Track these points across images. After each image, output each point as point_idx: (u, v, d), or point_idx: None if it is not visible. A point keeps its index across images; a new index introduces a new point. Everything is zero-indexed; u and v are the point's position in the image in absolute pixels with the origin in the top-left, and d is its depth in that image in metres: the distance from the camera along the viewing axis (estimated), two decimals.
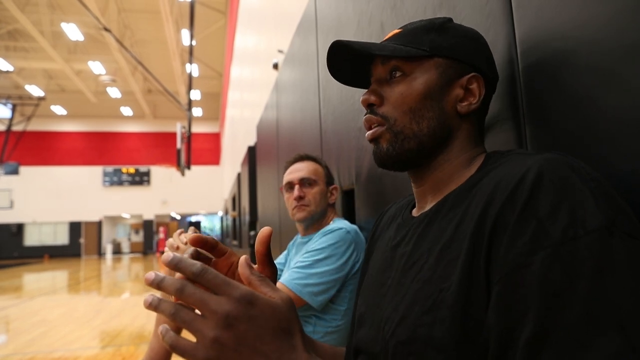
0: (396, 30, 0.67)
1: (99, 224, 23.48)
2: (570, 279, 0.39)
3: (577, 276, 0.39)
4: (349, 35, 1.60)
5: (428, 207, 0.63)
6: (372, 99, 0.64)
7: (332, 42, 0.65)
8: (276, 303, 0.45)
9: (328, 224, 1.48)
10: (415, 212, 0.67)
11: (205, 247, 0.58)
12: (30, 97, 20.76)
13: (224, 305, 0.41)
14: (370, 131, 0.65)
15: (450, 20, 0.66)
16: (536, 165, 0.46)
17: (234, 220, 8.92)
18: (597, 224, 0.41)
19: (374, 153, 0.65)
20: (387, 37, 0.67)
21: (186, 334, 0.45)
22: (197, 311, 0.42)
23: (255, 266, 0.57)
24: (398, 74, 0.63)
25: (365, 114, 0.66)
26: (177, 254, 0.43)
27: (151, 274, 0.41)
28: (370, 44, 0.63)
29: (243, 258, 0.49)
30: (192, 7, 11.91)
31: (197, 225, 25.84)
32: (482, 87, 0.63)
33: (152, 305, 0.41)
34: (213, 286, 0.42)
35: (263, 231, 0.56)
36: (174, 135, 15.29)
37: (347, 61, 0.69)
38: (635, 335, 0.37)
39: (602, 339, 0.37)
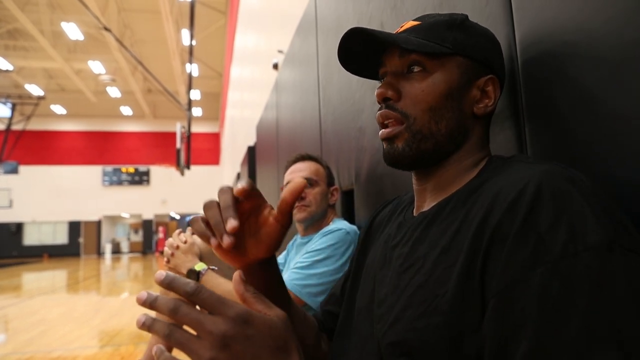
0: (413, 22, 0.64)
1: (98, 224, 23.45)
2: (569, 295, 0.39)
3: (576, 292, 0.39)
4: None
5: (426, 206, 0.63)
6: (390, 93, 0.61)
7: (351, 28, 0.61)
8: (272, 321, 0.44)
9: (328, 224, 1.48)
10: (415, 211, 0.66)
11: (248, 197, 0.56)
12: (29, 96, 20.74)
13: (220, 325, 0.40)
14: (386, 130, 0.62)
15: (467, 17, 0.65)
16: (536, 178, 0.45)
17: None
18: (597, 240, 0.40)
19: (387, 152, 0.63)
20: (404, 28, 0.64)
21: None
22: (193, 331, 0.41)
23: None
24: (417, 68, 0.61)
25: (380, 109, 0.63)
26: (170, 273, 0.42)
27: (143, 294, 0.41)
28: (394, 35, 0.61)
29: (237, 273, 0.48)
30: (192, 6, 11.90)
31: None
32: (497, 89, 0.62)
33: (145, 326, 0.41)
34: (208, 306, 0.42)
35: (297, 183, 0.54)
36: (173, 135, 15.28)
37: (359, 49, 0.66)
38: (634, 352, 0.36)
39: (600, 355, 0.37)
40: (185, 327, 0.42)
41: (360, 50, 0.67)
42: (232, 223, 0.50)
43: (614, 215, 0.43)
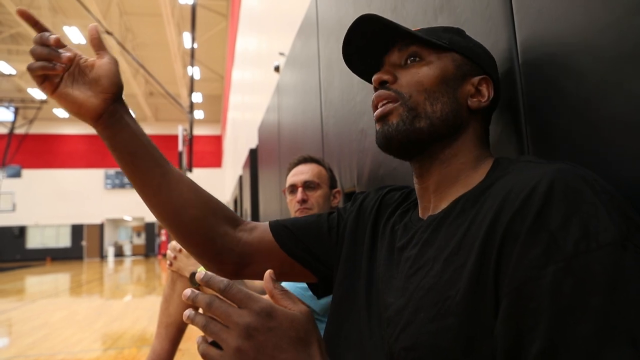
0: (413, 29, 0.67)
1: (100, 227, 23.50)
2: (582, 293, 0.39)
3: (589, 290, 0.39)
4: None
5: (432, 208, 0.63)
6: (386, 76, 0.63)
7: (361, 14, 0.63)
8: (294, 315, 0.48)
9: None
10: (420, 213, 0.66)
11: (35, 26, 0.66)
12: (32, 100, 20.81)
13: (245, 317, 0.46)
14: (380, 109, 0.63)
15: (464, 32, 0.68)
16: (548, 176, 0.45)
17: None
18: (610, 238, 0.40)
19: (380, 132, 0.63)
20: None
21: None
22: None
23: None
24: (417, 59, 0.63)
25: (375, 92, 0.65)
26: (209, 272, 0.48)
27: (188, 291, 0.47)
28: (397, 23, 0.63)
29: (268, 273, 0.52)
30: (193, 10, 11.95)
31: None
32: (491, 89, 0.64)
33: (190, 319, 0.47)
34: (237, 300, 0.47)
35: (91, 26, 0.70)
36: (175, 137, 15.30)
37: (363, 48, 0.68)
38: None
39: (614, 354, 0.37)
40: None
41: (364, 48, 0.69)
42: (53, 38, 0.64)
43: (627, 213, 0.43)
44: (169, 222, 0.75)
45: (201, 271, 0.48)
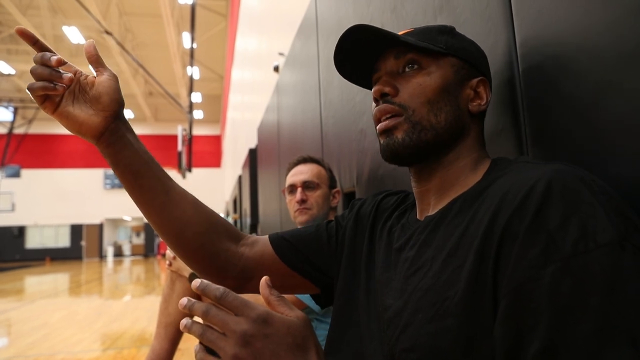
0: (406, 30, 0.67)
1: (100, 227, 23.48)
2: (581, 293, 0.39)
3: (588, 290, 0.39)
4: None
5: (431, 209, 0.63)
6: (387, 89, 0.63)
7: (354, 24, 0.63)
8: (291, 321, 0.48)
9: None
10: (418, 215, 0.66)
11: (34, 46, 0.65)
12: (31, 100, 20.65)
13: (242, 324, 0.45)
14: (384, 123, 0.63)
15: (455, 28, 0.68)
16: (546, 177, 0.45)
17: (235, 222, 8.92)
18: (609, 238, 0.40)
19: (386, 145, 0.63)
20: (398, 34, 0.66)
21: None
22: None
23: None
24: (415, 67, 0.63)
25: (376, 106, 0.64)
26: (205, 280, 0.48)
27: (184, 300, 0.47)
28: (393, 33, 0.63)
29: (264, 279, 0.52)
30: (193, 10, 11.95)
31: None
32: (488, 91, 0.64)
33: (187, 327, 0.47)
34: (233, 308, 0.47)
35: (88, 43, 0.68)
36: (175, 137, 15.31)
37: (355, 53, 0.68)
38: None
39: (614, 354, 0.37)
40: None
41: (356, 53, 0.68)
42: (55, 59, 0.63)
43: (625, 214, 0.43)
44: (172, 239, 0.75)
45: (196, 280, 0.48)
